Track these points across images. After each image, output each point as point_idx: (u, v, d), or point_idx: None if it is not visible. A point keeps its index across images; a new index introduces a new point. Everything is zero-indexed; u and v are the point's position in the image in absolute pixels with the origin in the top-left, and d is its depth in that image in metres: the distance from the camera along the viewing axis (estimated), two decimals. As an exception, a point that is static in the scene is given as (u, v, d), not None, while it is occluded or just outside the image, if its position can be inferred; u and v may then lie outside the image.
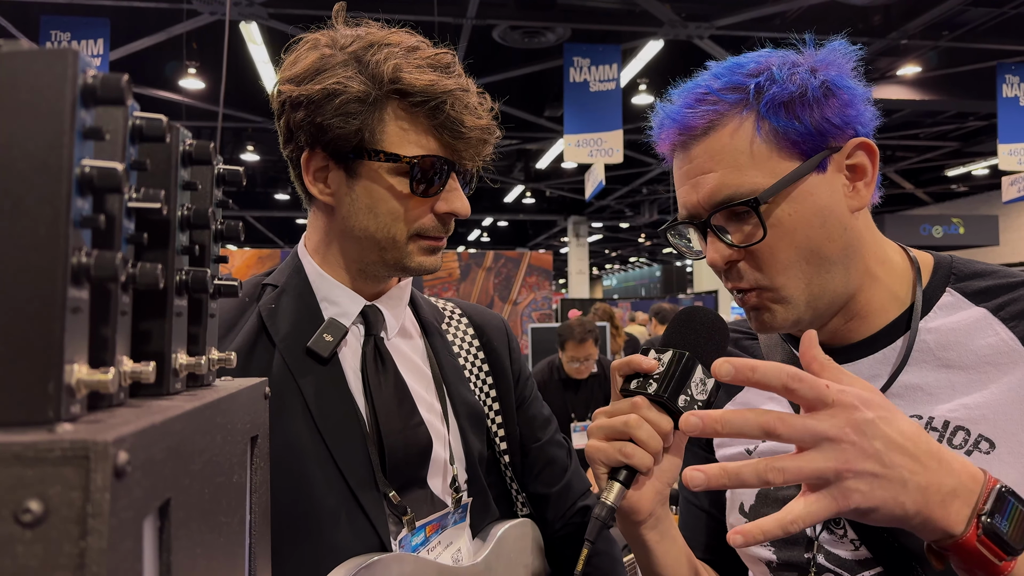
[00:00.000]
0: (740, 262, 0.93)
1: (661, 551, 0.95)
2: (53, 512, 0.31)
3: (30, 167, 0.36)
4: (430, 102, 0.98)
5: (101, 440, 0.32)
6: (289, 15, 7.61)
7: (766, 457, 0.69)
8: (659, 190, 17.33)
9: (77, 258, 0.37)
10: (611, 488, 0.87)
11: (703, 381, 0.90)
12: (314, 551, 0.97)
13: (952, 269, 0.97)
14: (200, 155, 0.53)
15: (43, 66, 0.37)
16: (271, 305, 1.07)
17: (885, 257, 0.96)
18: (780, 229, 0.89)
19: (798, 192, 0.89)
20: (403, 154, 0.99)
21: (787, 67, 0.90)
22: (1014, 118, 9.19)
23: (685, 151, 0.94)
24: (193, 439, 0.44)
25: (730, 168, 0.89)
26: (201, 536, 0.46)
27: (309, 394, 1.02)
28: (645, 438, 0.86)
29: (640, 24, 8.17)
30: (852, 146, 0.91)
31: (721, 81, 0.92)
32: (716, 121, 0.90)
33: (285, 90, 1.02)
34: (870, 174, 0.92)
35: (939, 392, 0.90)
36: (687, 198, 0.94)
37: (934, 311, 0.93)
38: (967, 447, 0.86)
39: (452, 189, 1.04)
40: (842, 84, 0.90)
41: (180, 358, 0.52)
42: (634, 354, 0.91)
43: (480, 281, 8.96)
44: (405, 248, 1.04)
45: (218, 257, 0.59)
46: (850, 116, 0.90)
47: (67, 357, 0.37)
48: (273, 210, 19.04)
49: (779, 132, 0.88)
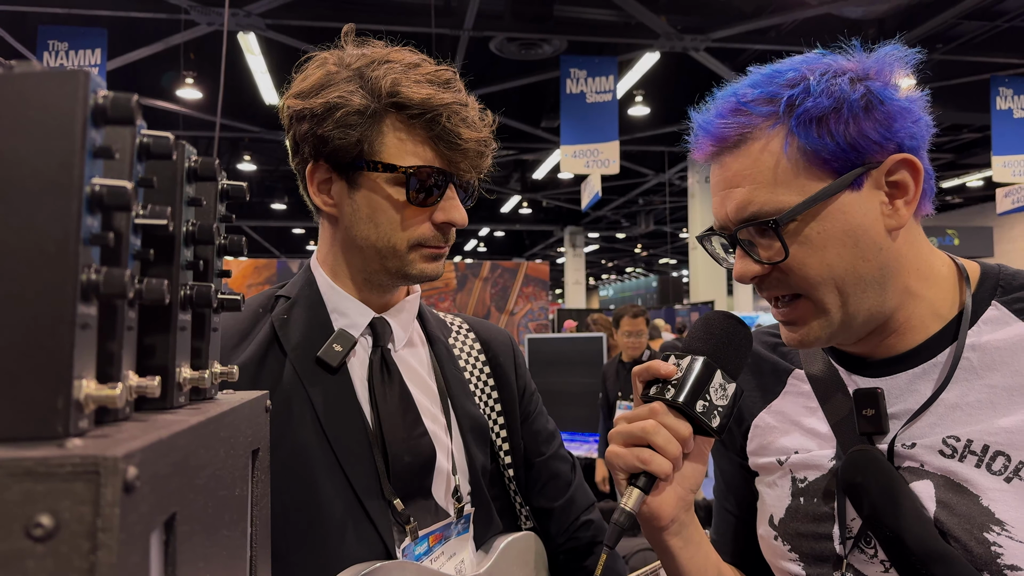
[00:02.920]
0: (768, 278, 0.91)
1: (685, 557, 0.95)
2: (64, 526, 0.31)
3: (41, 185, 0.37)
4: (426, 114, 1.01)
5: (111, 455, 0.32)
6: (287, 26, 7.64)
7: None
8: (655, 201, 17.38)
9: (87, 275, 0.37)
10: (630, 494, 0.87)
11: (723, 386, 0.89)
12: (320, 557, 0.99)
13: (1000, 281, 0.93)
14: (205, 172, 0.54)
15: (55, 87, 0.37)
16: (283, 316, 1.10)
17: (930, 272, 0.92)
18: (808, 247, 0.86)
19: (829, 210, 0.86)
20: (400, 164, 1.02)
21: (827, 77, 0.86)
22: (1008, 130, 9.25)
23: (718, 161, 0.92)
24: (198, 453, 0.44)
25: (758, 184, 0.87)
26: (205, 549, 0.46)
27: (318, 403, 1.04)
28: (663, 443, 0.86)
29: (636, 36, 8.23)
30: (893, 162, 0.86)
31: (756, 91, 0.89)
32: (747, 135, 0.88)
33: (291, 104, 1.05)
34: (912, 192, 0.87)
35: (979, 413, 0.86)
36: (718, 210, 0.93)
37: (979, 325, 0.90)
38: (1007, 473, 0.82)
39: (450, 199, 1.05)
40: (885, 96, 0.85)
41: (184, 372, 0.52)
42: (654, 360, 0.90)
43: (476, 291, 8.96)
44: (406, 256, 1.06)
45: (221, 271, 0.60)
46: (894, 130, 0.85)
47: (76, 373, 0.37)
48: (270, 220, 19.05)
49: (808, 150, 0.85)
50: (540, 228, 22.00)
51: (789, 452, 1.00)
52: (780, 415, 1.03)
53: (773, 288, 0.92)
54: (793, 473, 0.98)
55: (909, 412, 0.90)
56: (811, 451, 0.97)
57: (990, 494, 0.82)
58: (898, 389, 0.92)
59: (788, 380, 1.05)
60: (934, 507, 0.84)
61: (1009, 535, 0.80)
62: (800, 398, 1.02)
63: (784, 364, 1.06)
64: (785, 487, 0.99)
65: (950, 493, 0.84)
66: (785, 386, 1.05)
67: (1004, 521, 0.81)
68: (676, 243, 23.37)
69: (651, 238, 23.45)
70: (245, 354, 1.05)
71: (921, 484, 0.86)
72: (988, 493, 0.82)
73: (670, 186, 15.51)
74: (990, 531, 0.81)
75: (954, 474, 0.85)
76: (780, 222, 0.85)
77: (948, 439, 0.86)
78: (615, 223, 21.37)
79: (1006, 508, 0.81)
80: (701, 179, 13.35)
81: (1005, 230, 15.24)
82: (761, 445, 1.04)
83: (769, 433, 1.03)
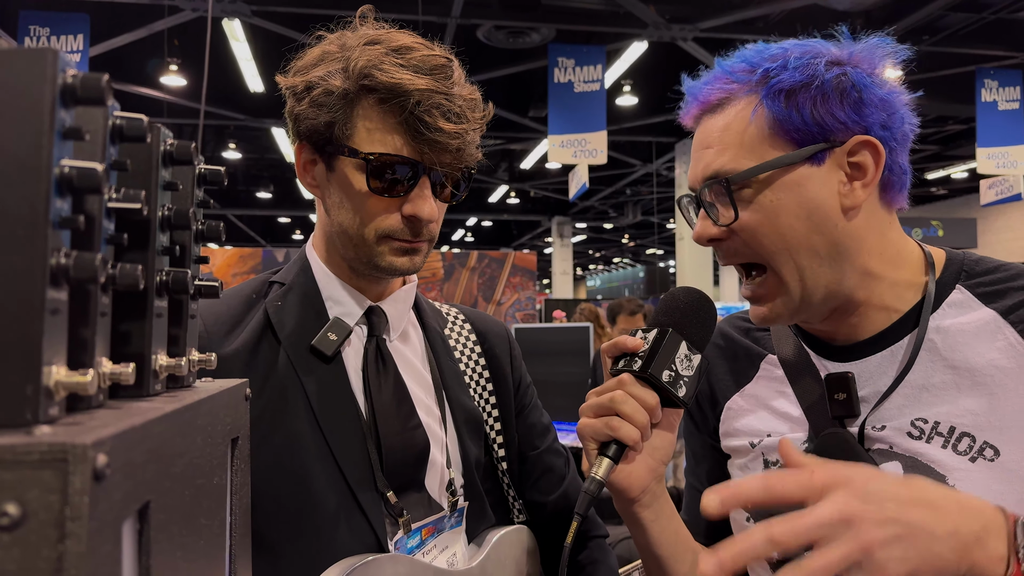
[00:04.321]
0: (726, 241, 0.94)
1: (656, 530, 0.97)
2: (31, 515, 0.31)
3: (8, 167, 0.36)
4: (395, 99, 0.96)
5: (80, 443, 0.31)
6: (272, 12, 7.56)
7: (789, 565, 0.62)
8: (642, 191, 17.39)
9: (56, 259, 0.37)
10: (600, 463, 0.90)
11: (688, 357, 0.93)
12: (311, 548, 0.97)
13: (964, 266, 0.96)
14: (181, 155, 0.53)
15: (22, 65, 0.36)
16: (277, 303, 1.07)
17: (896, 256, 0.95)
18: (761, 214, 0.90)
19: (785, 180, 0.89)
20: (362, 150, 0.98)
21: (807, 57, 0.90)
22: (993, 122, 9.31)
23: (700, 125, 0.97)
24: (173, 441, 0.44)
25: (725, 146, 0.92)
26: (181, 539, 0.46)
27: (312, 391, 1.02)
28: (630, 412, 0.89)
29: (624, 25, 8.20)
30: (855, 142, 0.89)
31: (741, 63, 0.94)
32: (725, 100, 0.93)
33: (281, 80, 1.04)
34: (870, 175, 0.90)
35: (944, 395, 0.89)
36: (691, 171, 0.98)
37: (943, 308, 0.92)
38: (971, 453, 0.85)
39: (420, 191, 1.00)
40: (861, 82, 0.89)
41: (160, 359, 0.51)
42: (622, 335, 0.93)
43: (464, 281, 8.94)
44: (375, 248, 1.02)
45: (199, 257, 0.59)
46: (864, 115, 0.89)
47: (45, 359, 0.36)
48: (255, 208, 18.92)
49: (774, 119, 0.89)
50: (527, 218, 21.97)
51: (762, 435, 1.02)
52: (753, 398, 1.06)
53: (731, 256, 0.96)
54: (765, 456, 1.01)
55: (878, 394, 0.93)
56: (783, 434, 0.99)
57: (956, 474, 0.85)
58: (867, 372, 0.95)
59: (761, 365, 1.07)
60: None
61: None
62: (773, 382, 1.04)
63: (757, 349, 1.09)
64: (757, 469, 1.01)
65: (917, 473, 0.87)
66: (758, 371, 1.07)
67: None
68: (663, 234, 23.41)
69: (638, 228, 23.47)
70: (238, 341, 1.03)
71: (890, 465, 0.89)
72: (954, 473, 0.85)
73: (658, 176, 15.53)
74: None
75: (922, 455, 0.88)
76: (732, 181, 0.90)
77: (916, 421, 0.89)
78: (603, 213, 21.37)
79: (971, 487, 0.84)
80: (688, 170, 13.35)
81: (989, 221, 15.37)
82: (734, 427, 1.06)
83: (742, 416, 1.06)
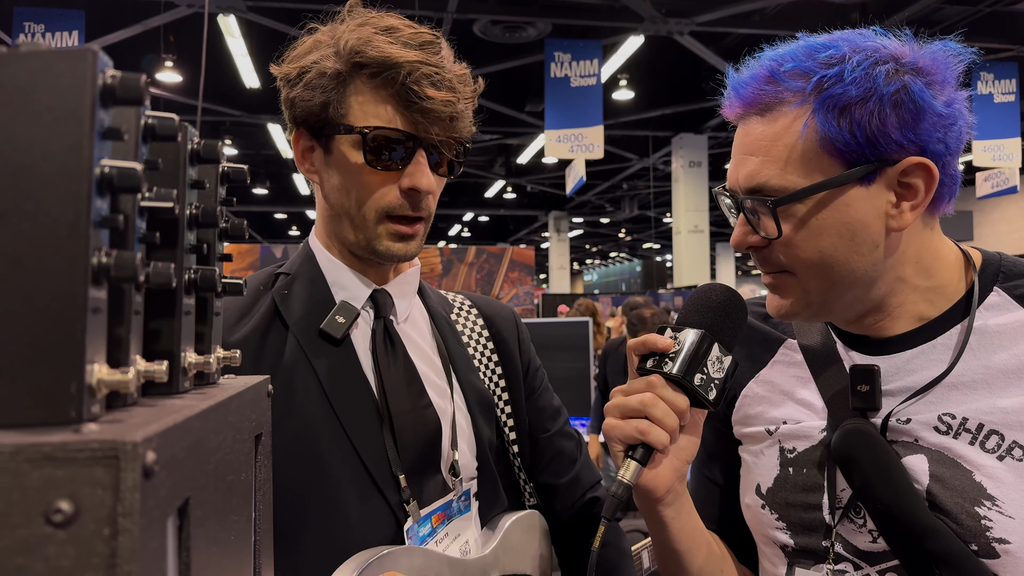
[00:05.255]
0: (763, 250, 0.92)
1: (676, 527, 0.96)
2: (84, 512, 0.31)
3: (51, 169, 0.36)
4: (386, 72, 0.98)
5: (130, 440, 0.32)
6: (267, 8, 7.55)
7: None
8: (639, 186, 17.39)
9: (97, 258, 0.37)
10: (627, 466, 0.88)
11: (720, 359, 0.90)
12: (331, 531, 0.98)
13: (1001, 268, 0.94)
14: (208, 154, 0.53)
15: (63, 66, 0.36)
16: (284, 291, 1.08)
17: (931, 264, 0.93)
18: (804, 231, 0.87)
19: (832, 200, 0.86)
20: (358, 125, 0.99)
21: (865, 65, 0.84)
22: (988, 115, 9.33)
23: (744, 123, 0.93)
24: (209, 438, 0.44)
25: (771, 159, 0.87)
26: (216, 534, 0.46)
27: (323, 375, 1.02)
28: (660, 416, 0.87)
29: (621, 20, 8.20)
30: (909, 164, 0.85)
31: (791, 64, 0.87)
32: (773, 105, 0.88)
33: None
34: (920, 197, 0.86)
35: (975, 393, 0.88)
36: (732, 172, 0.94)
37: (980, 310, 0.91)
38: (1000, 452, 0.84)
39: (417, 164, 1.02)
40: (922, 98, 0.83)
41: (189, 357, 0.52)
42: (651, 333, 0.91)
43: (462, 276, 8.94)
44: (375, 229, 1.04)
45: (223, 255, 0.59)
46: (919, 132, 0.84)
47: (88, 357, 0.37)
48: (251, 205, 18.89)
49: (825, 137, 0.84)
50: (524, 213, 21.98)
51: (778, 423, 1.01)
52: (769, 385, 1.04)
53: (764, 264, 0.94)
54: (782, 443, 1.00)
55: (906, 390, 0.92)
56: (801, 422, 0.99)
57: (983, 470, 0.85)
58: (895, 367, 0.93)
59: (779, 350, 1.06)
60: (927, 480, 0.87)
61: (1000, 510, 0.83)
62: (791, 368, 1.03)
63: (776, 334, 1.07)
64: (772, 457, 1.00)
65: (944, 467, 0.87)
66: (775, 355, 1.06)
67: (995, 497, 0.83)
68: (660, 228, 23.43)
69: (635, 223, 23.49)
70: (246, 328, 1.03)
71: (915, 458, 0.89)
72: (981, 469, 0.85)
73: (654, 171, 15.53)
74: (981, 505, 0.83)
75: (948, 450, 0.87)
76: (778, 203, 0.86)
77: (944, 416, 0.88)
78: (599, 208, 21.39)
79: (998, 484, 0.84)
80: (685, 164, 13.37)
81: (985, 214, 15.41)
82: (748, 415, 1.05)
83: (757, 403, 1.04)
